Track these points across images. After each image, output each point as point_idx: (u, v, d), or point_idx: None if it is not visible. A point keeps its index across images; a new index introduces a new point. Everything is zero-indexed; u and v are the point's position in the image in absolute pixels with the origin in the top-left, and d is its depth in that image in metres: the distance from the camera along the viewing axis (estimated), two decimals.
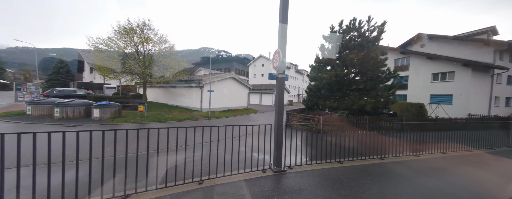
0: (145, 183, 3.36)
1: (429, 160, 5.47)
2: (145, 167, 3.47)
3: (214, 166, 4.19)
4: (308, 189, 3.51)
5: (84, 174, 3.13)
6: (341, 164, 4.81)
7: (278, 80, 4.29)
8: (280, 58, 4.04)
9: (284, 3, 4.18)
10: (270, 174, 4.15)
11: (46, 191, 2.71)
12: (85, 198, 3.10)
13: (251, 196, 3.21)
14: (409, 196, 3.38)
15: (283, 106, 4.33)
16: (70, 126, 9.33)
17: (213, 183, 3.69)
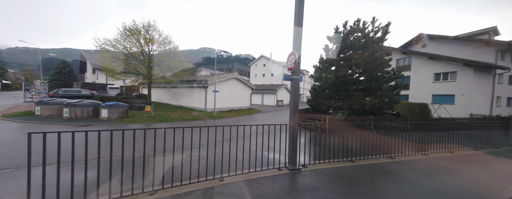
0: (171, 179, 3.50)
1: (438, 159, 5.62)
2: (170, 164, 3.61)
3: (228, 164, 4.29)
4: (325, 186, 3.65)
5: (109, 171, 3.27)
6: (353, 163, 4.95)
7: (293, 81, 4.43)
8: (296, 60, 4.18)
9: (299, 7, 4.32)
10: (286, 172, 4.29)
11: (75, 188, 2.85)
12: (127, 192, 3.22)
13: (273, 193, 3.35)
14: (423, 194, 3.52)
15: (298, 106, 4.47)
16: (81, 126, 9.46)
17: (234, 180, 3.84)
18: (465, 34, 20.78)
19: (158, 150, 5.69)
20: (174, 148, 3.74)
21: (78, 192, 3.08)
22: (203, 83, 17.26)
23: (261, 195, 3.27)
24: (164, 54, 16.74)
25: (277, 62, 46.99)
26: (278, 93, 33.73)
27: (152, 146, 5.18)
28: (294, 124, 4.42)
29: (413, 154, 5.80)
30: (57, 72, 33.46)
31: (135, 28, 15.01)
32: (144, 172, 3.41)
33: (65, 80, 33.22)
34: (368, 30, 12.19)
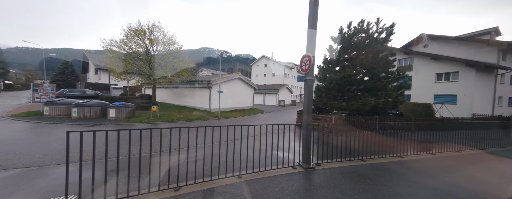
0: (194, 175, 3.64)
1: (446, 158, 5.76)
2: (187, 162, 3.74)
3: (239, 162, 4.39)
4: (341, 183, 3.79)
5: (139, 168, 3.39)
6: (364, 162, 5.09)
7: (307, 82, 4.56)
8: (311, 62, 4.31)
9: (313, 10, 4.45)
10: (301, 170, 4.42)
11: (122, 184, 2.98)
12: (154, 188, 3.34)
13: (292, 189, 3.49)
14: (437, 191, 3.66)
15: (311, 107, 4.60)
16: (91, 125, 9.59)
17: (252, 177, 3.97)
18: (467, 35, 20.93)
19: (174, 149, 5.84)
20: (188, 146, 3.85)
21: (111, 188, 3.21)
22: (207, 84, 17.39)
23: (282, 191, 3.40)
24: (169, 55, 16.88)
25: (278, 62, 47.13)
26: (280, 93, 33.86)
27: (168, 145, 5.33)
28: (308, 124, 4.55)
29: (421, 153, 5.94)
30: (59, 72, 33.59)
31: (140, 28, 15.15)
32: (169, 169, 3.54)
33: (67, 80, 33.35)
34: (372, 30, 12.32)
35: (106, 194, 3.03)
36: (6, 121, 9.56)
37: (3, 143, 5.79)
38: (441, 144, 6.41)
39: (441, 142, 6.46)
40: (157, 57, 16.15)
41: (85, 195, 3.07)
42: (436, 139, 6.45)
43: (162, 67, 16.51)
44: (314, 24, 4.48)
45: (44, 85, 11.51)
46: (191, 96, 19.97)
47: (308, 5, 4.53)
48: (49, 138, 6.74)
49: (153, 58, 15.66)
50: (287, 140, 5.14)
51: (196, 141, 3.96)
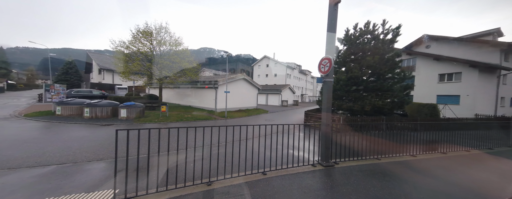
0: (223, 171, 3.83)
1: (457, 157, 5.96)
2: (208, 159, 3.92)
3: (261, 160, 4.52)
4: (363, 180, 3.98)
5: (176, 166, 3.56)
6: (379, 160, 5.28)
7: (327, 83, 4.75)
8: (331, 64, 4.49)
9: (333, 14, 4.64)
10: (321, 168, 4.61)
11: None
12: (189, 182, 3.50)
13: (317, 186, 3.67)
14: (453, 187, 3.85)
15: (331, 107, 4.78)
16: (103, 125, 9.75)
17: (275, 174, 4.16)
18: (469, 35, 21.14)
19: (198, 146, 6.01)
20: (203, 145, 4.01)
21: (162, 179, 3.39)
22: (213, 84, 17.57)
23: (308, 187, 3.59)
24: (175, 55, 17.06)
25: (280, 63, 47.33)
26: (283, 94, 34.04)
27: (184, 143, 5.50)
28: (327, 124, 4.73)
29: (433, 153, 6.13)
30: (63, 72, 33.70)
31: (148, 30, 15.35)
32: (194, 165, 3.73)
33: (71, 80, 33.44)
34: (378, 32, 12.52)
35: (148, 188, 3.21)
36: (20, 120, 9.73)
37: (27, 142, 5.96)
38: (451, 144, 6.60)
39: (451, 142, 6.66)
40: (165, 58, 16.33)
41: (127, 189, 3.24)
42: (445, 139, 6.63)
43: (169, 67, 16.68)
44: (334, 27, 4.66)
45: (55, 85, 11.66)
46: (197, 96, 20.15)
47: (327, 9, 4.71)
48: (69, 137, 6.91)
49: (161, 58, 15.84)
50: (298, 139, 5.32)
51: (211, 141, 4.14)
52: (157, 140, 5.16)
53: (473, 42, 19.17)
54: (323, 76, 4.77)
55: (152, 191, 3.29)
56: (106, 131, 8.32)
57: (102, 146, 6.00)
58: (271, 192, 3.41)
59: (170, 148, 5.46)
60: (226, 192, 3.41)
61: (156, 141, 5.99)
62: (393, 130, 10.27)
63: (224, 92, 15.56)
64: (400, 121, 10.66)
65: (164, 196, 3.23)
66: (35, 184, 3.49)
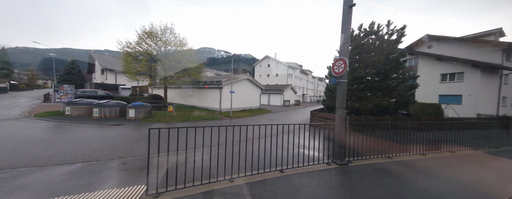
0: (244, 169, 3.97)
1: (465, 156, 6.11)
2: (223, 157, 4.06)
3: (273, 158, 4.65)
4: (379, 177, 4.12)
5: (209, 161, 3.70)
6: (390, 159, 5.43)
7: (341, 84, 4.89)
8: (346, 66, 4.64)
9: (347, 17, 4.78)
10: (335, 166, 4.75)
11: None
12: (213, 178, 3.65)
13: (336, 183, 3.82)
14: (466, 184, 4.00)
15: (345, 107, 4.92)
16: (113, 125, 9.88)
17: (292, 172, 4.30)
18: (471, 35, 21.30)
19: (214, 144, 6.17)
20: (218, 144, 4.14)
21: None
22: (218, 84, 17.71)
23: (328, 184, 3.74)
24: (180, 56, 17.20)
25: (281, 63, 47.46)
26: (285, 93, 34.19)
27: (199, 142, 5.64)
28: (341, 124, 4.88)
29: (442, 152, 6.29)
30: (66, 73, 33.80)
31: (154, 30, 15.49)
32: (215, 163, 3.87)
33: (73, 81, 33.55)
34: (382, 32, 12.67)
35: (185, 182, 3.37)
36: (32, 120, 9.86)
37: (46, 142, 6.10)
38: (458, 143, 6.76)
39: (457, 141, 6.81)
40: (170, 58, 16.47)
41: (158, 184, 3.38)
42: (451, 139, 6.78)
43: (175, 68, 16.83)
44: (348, 29, 4.81)
45: (64, 86, 11.80)
46: (201, 96, 20.29)
47: (341, 12, 4.85)
48: (84, 136, 7.04)
49: (167, 59, 15.98)
50: (308, 138, 5.44)
51: (226, 138, 4.24)
52: (174, 138, 5.30)
53: (474, 42, 19.32)
54: (338, 77, 4.92)
55: (180, 186, 3.44)
56: (117, 130, 8.45)
57: (118, 145, 6.14)
58: (292, 189, 3.55)
59: (189, 146, 5.62)
60: (249, 188, 3.56)
61: (173, 139, 6.12)
62: (398, 129, 10.42)
63: (229, 92, 15.69)
64: (405, 121, 10.80)
65: (194, 191, 3.39)
66: (67, 180, 3.64)
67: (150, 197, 3.19)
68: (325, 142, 6.94)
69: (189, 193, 3.33)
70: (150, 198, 3.18)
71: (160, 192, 3.29)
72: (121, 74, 31.78)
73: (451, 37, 20.84)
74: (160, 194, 3.27)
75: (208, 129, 8.28)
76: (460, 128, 7.50)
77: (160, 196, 3.25)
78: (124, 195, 3.22)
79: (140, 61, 14.70)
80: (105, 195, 3.20)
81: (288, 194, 3.37)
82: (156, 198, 3.20)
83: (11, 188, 3.30)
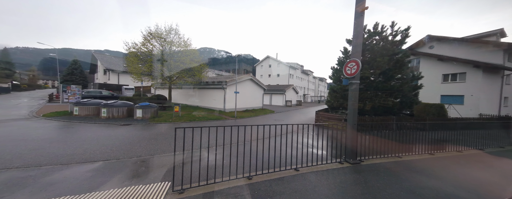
0: (261, 167, 4.10)
1: (472, 155, 6.26)
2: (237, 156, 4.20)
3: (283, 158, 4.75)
4: (393, 176, 4.26)
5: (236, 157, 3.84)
6: (400, 158, 5.56)
7: (353, 85, 5.03)
8: (358, 67, 4.77)
9: (359, 20, 4.92)
10: (348, 165, 4.88)
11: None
12: (232, 176, 3.78)
13: (351, 181, 3.95)
14: (477, 181, 4.14)
15: (357, 108, 5.06)
16: (122, 125, 10.00)
17: (307, 171, 4.44)
18: (472, 36, 21.44)
19: (226, 144, 6.30)
20: (231, 143, 4.27)
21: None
22: (222, 85, 17.84)
23: (344, 182, 3.87)
24: (185, 56, 17.33)
25: (282, 63, 47.60)
26: (287, 94, 34.33)
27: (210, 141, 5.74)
28: (353, 124, 5.01)
29: (449, 151, 6.43)
30: (68, 73, 33.89)
31: (159, 31, 15.63)
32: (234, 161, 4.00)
33: (76, 81, 33.62)
34: (386, 33, 12.82)
35: (207, 179, 3.50)
36: (41, 120, 9.97)
37: (62, 141, 6.22)
38: (464, 143, 6.90)
39: (463, 141, 6.95)
40: (175, 59, 16.60)
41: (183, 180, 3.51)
42: (456, 138, 6.90)
43: (179, 68, 16.96)
44: (360, 32, 4.95)
45: (72, 86, 11.96)
46: (205, 97, 20.42)
47: (353, 15, 4.99)
48: (97, 136, 7.16)
49: (172, 59, 16.11)
50: (316, 138, 5.56)
51: (238, 137, 4.37)
52: (189, 137, 5.42)
53: (476, 42, 19.47)
54: (350, 78, 5.05)
55: (203, 183, 3.57)
56: (128, 130, 8.58)
57: (133, 144, 6.28)
58: (311, 186, 3.68)
59: (203, 145, 5.75)
60: (268, 185, 3.69)
61: (189, 138, 6.24)
62: (403, 129, 10.55)
63: (234, 93, 15.82)
64: (409, 121, 10.94)
65: (216, 187, 3.53)
66: (94, 177, 3.77)
67: (176, 193, 3.32)
68: (332, 141, 7.06)
69: (212, 189, 3.47)
70: (176, 193, 3.31)
71: (185, 188, 3.42)
72: (123, 74, 31.91)
73: (453, 37, 20.97)
74: (185, 190, 3.41)
75: (220, 129, 8.40)
76: (464, 128, 7.63)
77: (185, 191, 3.38)
78: (151, 191, 3.36)
79: (146, 61, 14.83)
80: (133, 191, 3.34)
81: (307, 191, 3.50)
82: (182, 193, 3.34)
83: (42, 185, 3.44)
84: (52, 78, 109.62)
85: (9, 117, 10.22)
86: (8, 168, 4.03)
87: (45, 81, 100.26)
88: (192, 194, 3.31)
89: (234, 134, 6.47)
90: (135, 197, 3.14)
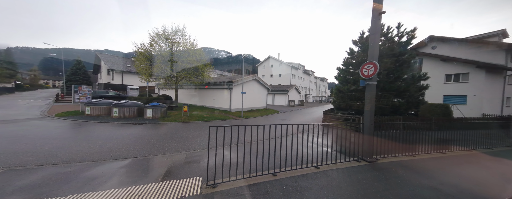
0: (284, 164, 4.28)
1: (482, 154, 6.47)
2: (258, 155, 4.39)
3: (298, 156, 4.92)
4: (411, 173, 4.45)
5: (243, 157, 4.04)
6: (414, 157, 5.76)
7: (370, 86, 5.22)
8: (376, 69, 4.96)
9: (376, 23, 5.11)
10: (365, 163, 5.07)
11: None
12: (253, 173, 3.97)
13: (373, 178, 4.14)
14: (482, 179, 4.35)
15: (374, 108, 5.24)
16: (134, 124, 10.17)
17: (327, 168, 4.62)
18: (474, 36, 21.64)
19: (247, 142, 6.47)
20: (244, 142, 4.44)
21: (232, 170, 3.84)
22: (228, 85, 18.03)
23: (365, 179, 4.06)
24: (191, 57, 17.49)
25: (284, 63, 47.80)
26: (289, 94, 34.52)
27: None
28: (370, 124, 5.20)
29: (460, 151, 6.63)
30: (72, 73, 34.04)
31: (166, 32, 15.82)
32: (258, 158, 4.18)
33: (80, 81, 33.79)
34: (392, 34, 13.02)
35: (236, 175, 3.69)
36: (55, 120, 10.15)
37: (85, 140, 6.40)
38: (472, 143, 7.09)
39: (471, 140, 7.12)
40: (182, 59, 16.76)
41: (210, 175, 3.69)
42: (463, 138, 7.02)
43: (186, 69, 17.13)
44: (377, 34, 5.13)
45: (83, 86, 12.15)
46: (210, 96, 20.60)
47: (371, 18, 5.18)
48: (116, 135, 7.35)
49: (179, 59, 16.29)
50: (326, 137, 5.66)
51: (251, 137, 4.58)
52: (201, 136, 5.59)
53: (478, 43, 19.68)
54: (367, 80, 5.24)
55: (233, 178, 3.77)
56: (142, 129, 8.76)
57: (152, 143, 6.46)
58: (335, 182, 3.87)
59: (222, 143, 5.94)
60: (294, 181, 3.88)
61: (201, 136, 6.41)
62: (410, 129, 10.73)
63: (241, 93, 16.01)
64: (417, 121, 11.13)
65: (244, 182, 3.72)
66: (129, 173, 3.99)
67: (210, 187, 3.52)
68: (345, 141, 7.24)
69: (241, 185, 3.66)
70: (210, 188, 3.51)
71: (217, 183, 3.61)
72: (127, 74, 32.04)
73: (455, 38, 21.18)
74: (218, 185, 3.60)
75: (235, 128, 8.57)
76: (470, 128, 7.77)
77: (218, 186, 3.58)
78: (186, 185, 3.56)
79: (154, 62, 15.01)
80: (170, 185, 3.54)
81: (332, 187, 3.68)
82: (215, 188, 3.53)
83: (85, 179, 3.64)
84: (53, 78, 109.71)
85: (23, 117, 10.40)
86: (46, 164, 4.22)
87: (46, 81, 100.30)
88: (225, 189, 3.50)
89: (247, 133, 6.69)
90: (174, 191, 3.34)
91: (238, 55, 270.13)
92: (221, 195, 3.28)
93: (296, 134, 4.33)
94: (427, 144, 6.39)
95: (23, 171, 3.87)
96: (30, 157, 4.60)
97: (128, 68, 33.94)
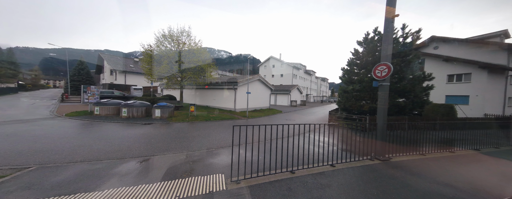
0: (302, 162, 4.43)
1: (490, 153, 6.64)
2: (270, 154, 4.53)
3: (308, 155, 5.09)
4: (427, 171, 4.61)
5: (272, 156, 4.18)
6: (424, 156, 5.91)
7: (383, 87, 5.36)
8: (389, 71, 5.11)
9: (389, 27, 5.26)
10: (379, 162, 5.22)
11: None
12: (272, 170, 4.11)
13: (389, 176, 4.29)
14: (493, 177, 4.50)
15: (387, 108, 5.39)
16: (145, 124, 10.29)
17: (342, 166, 4.77)
18: (476, 37, 21.81)
19: (261, 141, 6.62)
20: (259, 141, 4.55)
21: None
22: (233, 85, 18.18)
23: (382, 176, 4.21)
24: (196, 57, 17.63)
25: (286, 63, 47.96)
26: (292, 94, 34.67)
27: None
28: (383, 124, 5.35)
29: (467, 150, 6.79)
30: (75, 73, 34.05)
31: (172, 34, 15.98)
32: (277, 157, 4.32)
33: (83, 81, 33.77)
34: (397, 35, 13.16)
35: (257, 172, 3.83)
36: (66, 120, 10.27)
37: (102, 139, 6.53)
38: (480, 142, 7.24)
39: (477, 140, 7.27)
40: (187, 60, 16.90)
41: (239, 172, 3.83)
42: (471, 138, 7.18)
43: (192, 69, 17.27)
44: (390, 37, 5.28)
45: (91, 87, 12.31)
46: (215, 97, 20.73)
47: (384, 21, 5.33)
48: (129, 134, 7.48)
49: (185, 60, 16.44)
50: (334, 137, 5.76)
51: (265, 136, 4.74)
52: (207, 134, 5.72)
53: (480, 43, 19.85)
54: (380, 80, 5.39)
55: (254, 175, 3.92)
56: (153, 128, 8.89)
57: (167, 142, 6.60)
58: (353, 180, 4.02)
59: (232, 142, 6.09)
60: (313, 178, 4.02)
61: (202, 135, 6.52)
62: (414, 129, 10.86)
63: (246, 93, 16.15)
64: (422, 121, 11.28)
65: (265, 179, 3.87)
66: (155, 170, 4.21)
67: (234, 183, 3.68)
68: (355, 140, 7.39)
69: (262, 181, 3.81)
70: (234, 183, 3.67)
71: (241, 179, 3.77)
72: (130, 75, 32.20)
73: (457, 38, 21.35)
74: (241, 181, 3.76)
75: (243, 128, 8.73)
76: (474, 127, 7.88)
77: (241, 182, 3.73)
78: (211, 181, 3.73)
79: (161, 63, 15.16)
80: (196, 181, 3.70)
81: (351, 184, 3.83)
82: (239, 183, 3.69)
83: (116, 175, 3.82)
84: (53, 78, 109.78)
85: (34, 117, 10.52)
86: (73, 162, 4.37)
87: (47, 81, 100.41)
88: (248, 185, 3.65)
89: (255, 133, 6.80)
90: (202, 186, 3.51)
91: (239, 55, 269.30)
92: (247, 190, 3.43)
93: (304, 133, 4.45)
94: (434, 144, 6.54)
95: (55, 168, 4.02)
96: (55, 155, 4.74)
97: (131, 68, 34.08)
